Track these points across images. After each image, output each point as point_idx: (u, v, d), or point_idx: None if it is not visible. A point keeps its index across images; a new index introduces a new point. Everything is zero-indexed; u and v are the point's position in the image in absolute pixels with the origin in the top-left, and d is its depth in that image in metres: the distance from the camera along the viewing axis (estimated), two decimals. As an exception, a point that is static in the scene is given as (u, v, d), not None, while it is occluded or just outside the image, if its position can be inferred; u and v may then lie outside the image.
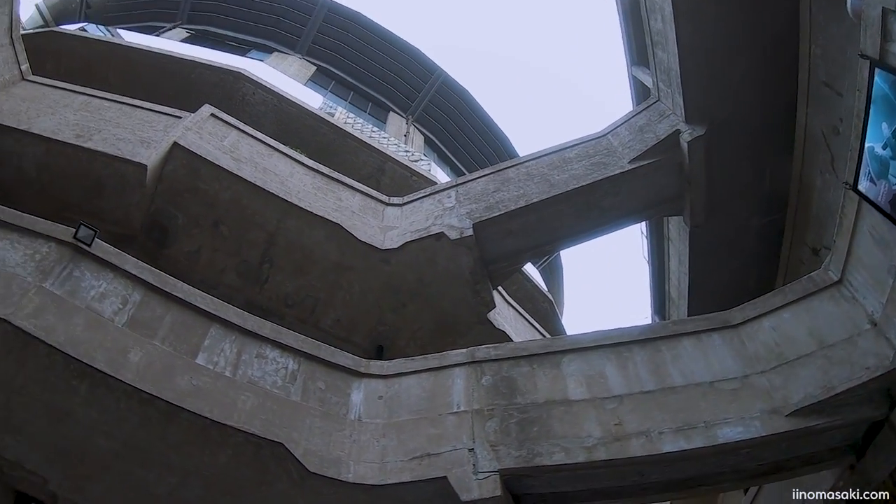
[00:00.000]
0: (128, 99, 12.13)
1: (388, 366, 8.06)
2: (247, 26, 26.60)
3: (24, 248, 7.59)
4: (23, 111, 11.15)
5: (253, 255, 11.15)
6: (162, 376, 6.84)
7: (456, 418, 7.24)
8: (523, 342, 8.29)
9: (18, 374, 6.78)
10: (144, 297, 7.60)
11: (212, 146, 11.07)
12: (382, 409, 7.54)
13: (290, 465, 6.83)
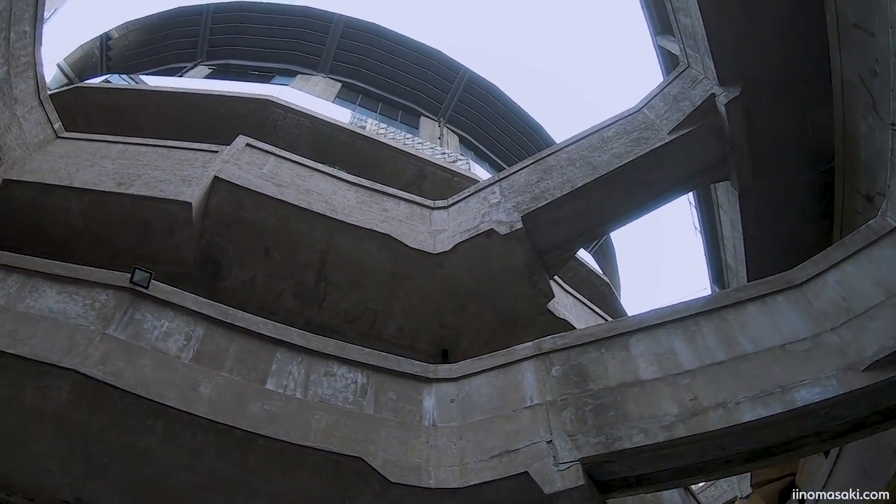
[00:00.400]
0: (162, 141, 12.35)
1: (457, 368, 8.04)
2: (267, 54, 26.85)
3: (83, 298, 7.78)
4: (62, 167, 11.42)
5: (307, 276, 11.24)
6: (235, 406, 6.93)
7: (530, 412, 7.18)
8: (588, 328, 8.18)
9: (93, 420, 6.92)
10: (207, 331, 7.72)
11: (252, 175, 11.19)
12: (456, 412, 7.53)
13: (370, 478, 6.84)
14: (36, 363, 6.91)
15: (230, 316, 7.91)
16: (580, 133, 12.06)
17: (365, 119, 21.31)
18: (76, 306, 7.73)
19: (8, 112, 11.78)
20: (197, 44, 27.14)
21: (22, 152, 11.90)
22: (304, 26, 26.55)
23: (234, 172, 11.11)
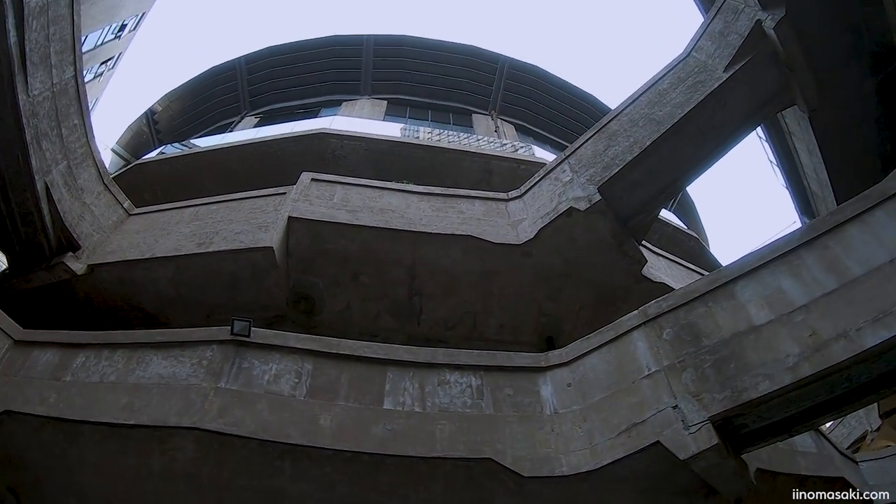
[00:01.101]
0: (230, 195, 12.74)
1: (567, 352, 7.96)
2: (308, 90, 27.25)
3: (189, 359, 8.06)
4: (141, 242, 11.91)
5: (400, 293, 11.33)
6: (357, 431, 7.03)
7: (650, 381, 7.06)
8: (690, 284, 7.98)
9: (222, 472, 7.15)
10: (316, 365, 7.86)
11: (324, 207, 11.36)
12: (575, 395, 7.46)
13: (503, 476, 6.84)
14: (157, 428, 7.20)
15: (335, 346, 8.04)
16: (635, 92, 11.83)
17: (417, 129, 21.38)
18: (184, 367, 7.99)
19: (77, 203, 12.29)
20: (238, 97, 27.70)
21: (100, 236, 12.41)
22: (337, 55, 26.85)
23: (307, 208, 11.29)
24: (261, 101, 27.56)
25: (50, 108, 11.92)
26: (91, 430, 7.51)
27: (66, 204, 12.17)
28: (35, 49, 11.32)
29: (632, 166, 10.64)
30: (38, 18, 11.26)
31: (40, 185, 11.65)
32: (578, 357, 7.76)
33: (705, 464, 6.39)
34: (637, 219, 11.07)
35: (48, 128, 11.90)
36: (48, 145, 11.86)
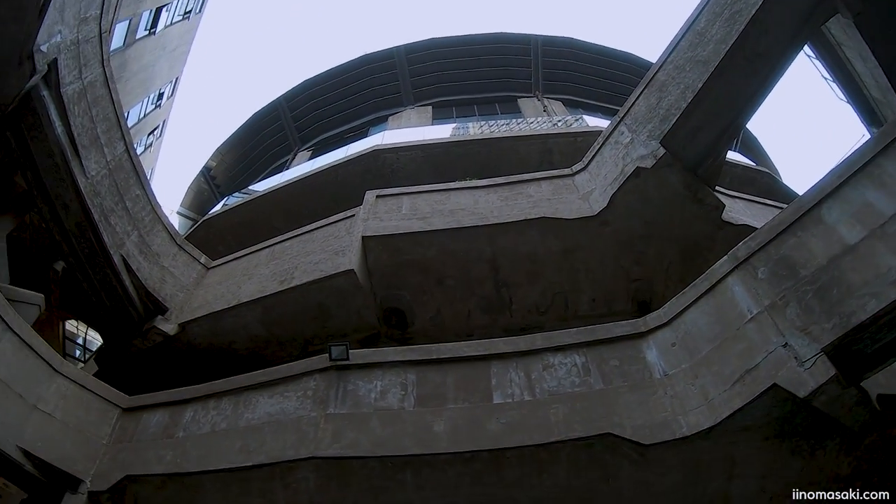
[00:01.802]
0: (302, 229, 13.08)
1: (665, 312, 7.84)
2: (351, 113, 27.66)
3: (294, 392, 8.31)
4: (224, 291, 12.33)
5: (487, 288, 11.37)
6: (472, 431, 7.09)
7: (754, 324, 6.88)
8: (774, 218, 7.70)
9: (347, 494, 7.35)
10: (419, 374, 7.97)
11: (394, 220, 11.50)
12: (681, 354, 7.35)
13: (625, 448, 6.80)
14: (276, 465, 7.44)
15: (434, 352, 8.12)
16: (674, 38, 11.57)
17: (467, 126, 21.41)
18: (291, 402, 8.22)
19: (156, 268, 12.78)
20: (286, 135, 28.21)
21: (184, 295, 12.90)
22: (373, 73, 27.06)
23: (377, 225, 11.46)
24: (309, 134, 27.98)
25: (110, 185, 12.40)
26: (212, 479, 7.82)
27: (146, 271, 12.65)
28: (83, 132, 11.80)
29: (688, 113, 10.38)
30: (78, 104, 11.71)
31: (117, 258, 12.14)
32: (677, 315, 7.65)
33: (826, 398, 6.17)
34: (705, 165, 10.84)
35: (112, 203, 12.36)
36: (116, 220, 12.34)
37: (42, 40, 10.62)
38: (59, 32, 11.05)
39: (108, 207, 12.35)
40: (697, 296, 7.52)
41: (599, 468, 6.97)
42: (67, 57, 11.43)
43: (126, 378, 13.20)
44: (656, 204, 10.67)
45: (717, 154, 10.98)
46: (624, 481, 7.05)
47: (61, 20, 11.03)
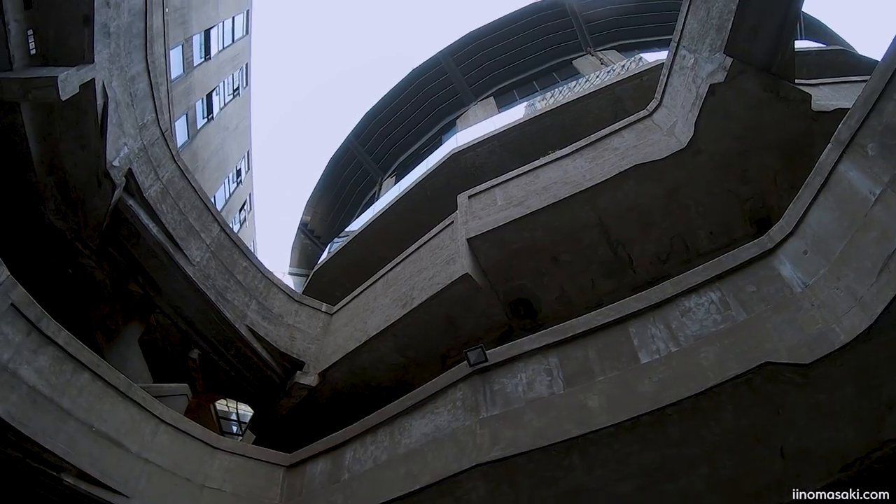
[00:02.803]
0: (407, 251, 13.45)
1: (786, 222, 7.43)
2: (419, 128, 28.07)
3: (443, 407, 8.53)
4: (352, 331, 12.82)
5: (602, 252, 11.23)
6: (626, 397, 6.92)
7: (881, 205, 6.19)
8: (864, 89, 7.24)
9: (518, 493, 7.32)
10: (560, 356, 7.89)
11: (492, 214, 11.58)
12: (816, 260, 6.96)
13: (786, 374, 6.47)
14: (442, 482, 7.52)
15: (569, 329, 8.03)
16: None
17: (532, 103, 21.28)
18: (443, 417, 8.35)
19: (283, 328, 13.37)
20: (366, 170, 28.75)
21: (316, 346, 13.40)
22: (426, 82, 27.27)
23: (478, 224, 11.52)
24: (386, 161, 28.45)
25: (217, 266, 12.98)
26: None
27: (274, 334, 13.19)
28: (177, 226, 12.45)
29: (741, 13, 9.76)
30: (163, 202, 12.32)
31: (243, 330, 12.71)
32: (799, 220, 7.26)
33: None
34: (777, 61, 10.32)
35: (224, 281, 12.94)
36: (232, 295, 12.90)
37: (112, 157, 11.22)
38: (125, 145, 11.62)
39: (221, 286, 12.89)
40: (814, 194, 7.13)
41: (765, 402, 6.65)
42: (140, 163, 12.02)
43: (283, 438, 13.77)
44: (741, 116, 10.26)
45: (785, 46, 10.46)
46: (794, 409, 6.68)
47: (123, 133, 11.59)
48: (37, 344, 8.63)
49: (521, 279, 11.51)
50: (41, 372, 8.49)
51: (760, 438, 6.74)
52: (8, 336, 8.27)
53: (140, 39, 12.37)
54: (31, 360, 8.44)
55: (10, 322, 8.40)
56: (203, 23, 23.73)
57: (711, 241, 11.11)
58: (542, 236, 11.14)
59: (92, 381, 9.23)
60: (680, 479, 6.97)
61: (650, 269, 11.31)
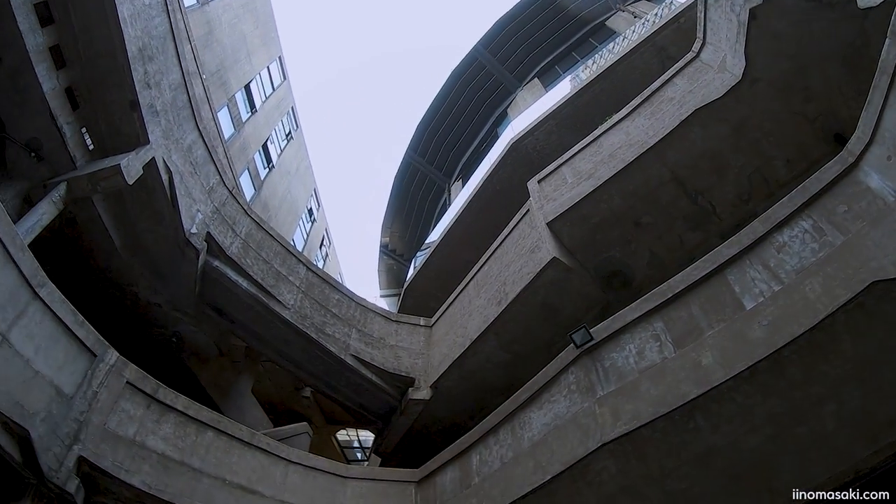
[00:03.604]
0: (490, 249, 13.63)
1: (862, 133, 6.97)
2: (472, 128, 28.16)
3: (559, 394, 8.61)
4: (454, 337, 13.19)
5: (683, 206, 11.05)
6: (739, 346, 6.68)
7: None
8: None
9: (650, 464, 7.22)
10: (664, 318, 7.79)
11: (565, 193, 11.59)
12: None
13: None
14: (572, 468, 7.53)
15: (668, 289, 7.88)
16: None
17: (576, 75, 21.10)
18: (560, 404, 8.40)
19: (386, 350, 13.83)
20: (432, 180, 28.91)
21: (422, 360, 13.81)
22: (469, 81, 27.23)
23: (553, 206, 11.55)
24: (448, 166, 28.59)
25: (311, 304, 13.39)
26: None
27: (379, 357, 13.52)
28: (265, 275, 12.99)
29: None
30: (247, 255, 12.78)
31: (349, 360, 13.27)
32: (875, 127, 6.84)
33: None
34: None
35: (321, 317, 13.38)
36: (332, 329, 13.32)
37: (188, 225, 11.67)
38: (198, 211, 12.05)
39: (319, 323, 13.26)
40: (884, 95, 6.76)
41: (883, 322, 6.27)
42: (216, 225, 12.46)
43: (407, 455, 14.01)
44: (789, 33, 9.85)
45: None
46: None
47: (193, 201, 12.03)
48: (158, 414, 9.22)
49: (608, 251, 11.40)
50: (167, 439, 9.06)
51: (886, 361, 6.41)
52: (129, 412, 8.88)
53: (187, 110, 12.79)
54: (156, 430, 9.02)
55: (129, 399, 9.01)
56: (241, 79, 24.28)
57: (790, 169, 10.76)
58: (620, 203, 11.02)
59: (216, 437, 9.77)
60: (809, 421, 6.72)
61: (734, 212, 11.03)
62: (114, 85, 11.02)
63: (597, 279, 11.52)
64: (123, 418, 8.72)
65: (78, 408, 8.26)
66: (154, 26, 11.64)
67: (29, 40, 9.94)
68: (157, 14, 11.78)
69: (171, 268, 12.88)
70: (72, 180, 10.67)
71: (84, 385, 8.51)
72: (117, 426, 8.63)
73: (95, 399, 8.53)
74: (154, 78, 11.48)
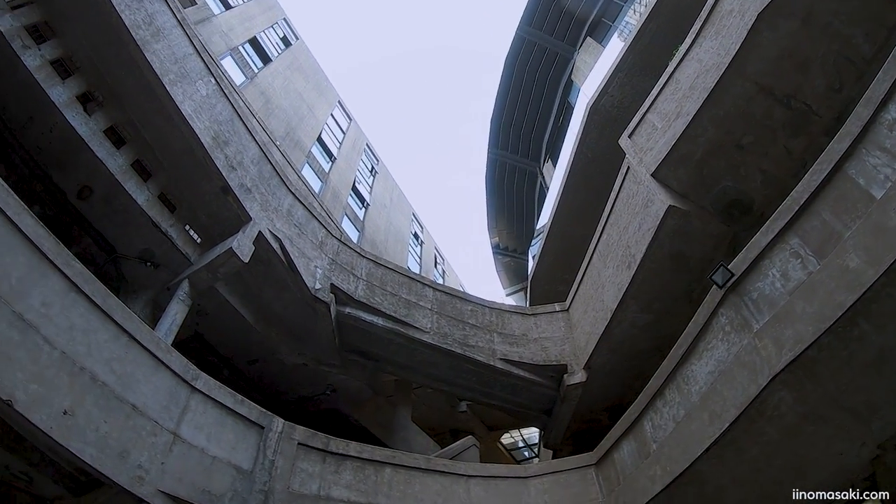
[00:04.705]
0: (602, 216, 13.62)
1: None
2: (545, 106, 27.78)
3: (714, 339, 8.43)
4: (593, 314, 13.36)
5: (778, 114, 10.65)
6: (882, 240, 6.07)
7: None
8: None
9: (825, 386, 6.90)
10: (798, 233, 7.33)
11: (658, 139, 11.63)
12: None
13: None
14: (748, 408, 7.34)
15: (792, 206, 7.41)
16: None
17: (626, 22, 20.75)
18: (719, 349, 8.23)
19: (532, 345, 14.48)
20: (522, 168, 28.99)
21: (568, 345, 14.51)
22: (528, 57, 27.03)
23: (651, 157, 11.53)
24: (533, 151, 28.66)
25: (447, 322, 14.30)
26: (706, 462, 8.03)
27: (527, 354, 13.95)
28: (397, 307, 14.09)
29: None
30: (373, 294, 13.78)
31: (498, 364, 13.97)
32: None
33: None
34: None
35: (461, 331, 14.26)
36: (474, 340, 14.16)
37: (311, 283, 12.21)
38: (316, 267, 12.57)
39: (460, 337, 13.63)
40: None
41: None
42: (336, 274, 13.10)
43: (577, 441, 14.01)
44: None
45: None
46: None
47: (308, 258, 12.56)
48: (335, 465, 9.78)
49: (719, 183, 11.07)
50: (350, 486, 9.63)
51: None
52: (308, 470, 9.47)
53: (275, 178, 13.33)
54: (337, 480, 9.60)
55: (304, 458, 9.58)
56: (311, 134, 25.01)
57: (871, 42, 10.06)
58: (715, 132, 10.70)
59: (395, 472, 10.23)
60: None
61: (831, 105, 10.45)
62: (201, 178, 11.57)
63: (717, 215, 11.21)
64: (304, 477, 9.30)
65: (260, 479, 8.83)
66: (218, 112, 12.13)
67: (110, 164, 10.58)
68: (217, 101, 12.25)
69: (307, 326, 13.39)
70: (191, 276, 11.30)
71: (260, 457, 9.09)
72: (300, 486, 9.23)
73: (273, 467, 9.12)
74: (235, 159, 11.98)
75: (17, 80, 10.03)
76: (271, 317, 13.30)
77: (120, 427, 7.36)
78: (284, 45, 28.58)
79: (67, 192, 11.04)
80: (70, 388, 6.97)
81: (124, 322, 8.01)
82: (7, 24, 9.84)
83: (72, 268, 7.51)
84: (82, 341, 7.37)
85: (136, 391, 7.81)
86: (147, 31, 10.90)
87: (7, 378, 6.33)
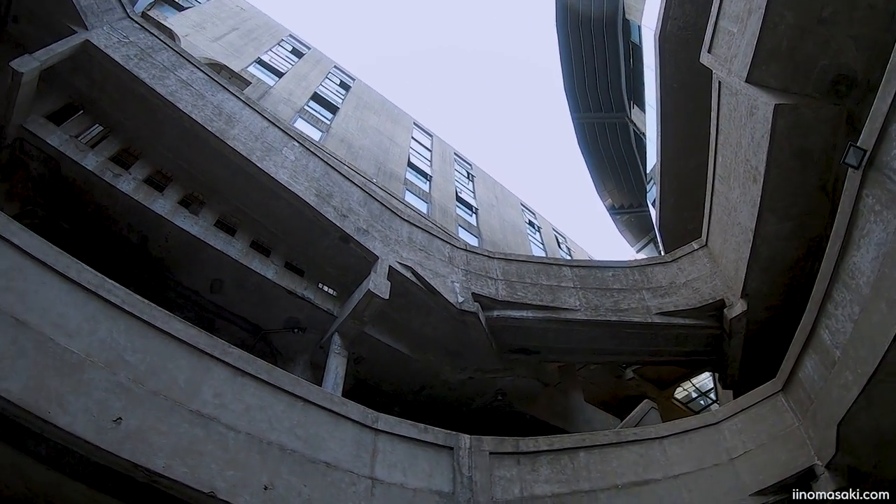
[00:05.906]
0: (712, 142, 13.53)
1: None
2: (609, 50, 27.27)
3: (869, 221, 7.71)
4: (735, 240, 13.16)
5: None
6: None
7: None
8: None
9: None
10: None
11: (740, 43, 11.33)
12: None
13: None
14: None
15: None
16: None
17: None
18: (875, 232, 7.66)
19: (683, 290, 14.29)
20: (613, 123, 28.62)
21: (719, 279, 14.15)
22: (576, 18, 26.56)
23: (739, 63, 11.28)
24: (616, 103, 28.24)
25: (594, 293, 14.52)
26: None
27: (682, 300, 13.99)
28: (542, 296, 13.98)
29: None
30: (514, 290, 14.14)
31: (657, 319, 13.91)
32: None
33: None
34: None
35: (610, 300, 14.30)
36: (626, 304, 14.15)
37: (454, 299, 13.09)
38: (453, 282, 13.77)
39: (611, 305, 14.21)
40: None
41: None
42: (474, 282, 14.02)
43: (753, 374, 13.62)
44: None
45: None
46: None
47: (443, 276, 13.60)
48: (530, 464, 9.93)
49: (815, 65, 10.44)
50: (549, 480, 9.74)
51: None
52: (506, 476, 9.66)
53: (385, 213, 13.82)
54: (536, 478, 9.72)
55: (499, 465, 9.79)
56: (400, 162, 25.59)
57: None
58: (794, 15, 10.10)
59: (588, 454, 10.27)
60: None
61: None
62: (318, 235, 12.05)
63: (824, 97, 10.59)
64: (504, 484, 9.50)
65: (463, 498, 9.10)
66: (312, 170, 12.58)
67: (231, 252, 11.13)
68: (307, 161, 12.73)
69: (462, 341, 13.59)
70: (340, 328, 11.82)
71: (457, 477, 9.35)
72: (503, 493, 9.41)
73: (472, 482, 9.35)
74: (343, 207, 12.43)
75: (119, 208, 10.56)
76: (425, 342, 13.57)
77: (320, 486, 7.77)
78: (345, 90, 29.32)
79: (200, 290, 11.63)
80: (263, 464, 7.42)
81: (294, 389, 8.55)
82: (92, 162, 10.50)
83: (230, 355, 8.06)
84: (262, 418, 7.87)
85: (324, 449, 8.26)
86: (221, 122, 11.41)
87: (203, 473, 6.81)
